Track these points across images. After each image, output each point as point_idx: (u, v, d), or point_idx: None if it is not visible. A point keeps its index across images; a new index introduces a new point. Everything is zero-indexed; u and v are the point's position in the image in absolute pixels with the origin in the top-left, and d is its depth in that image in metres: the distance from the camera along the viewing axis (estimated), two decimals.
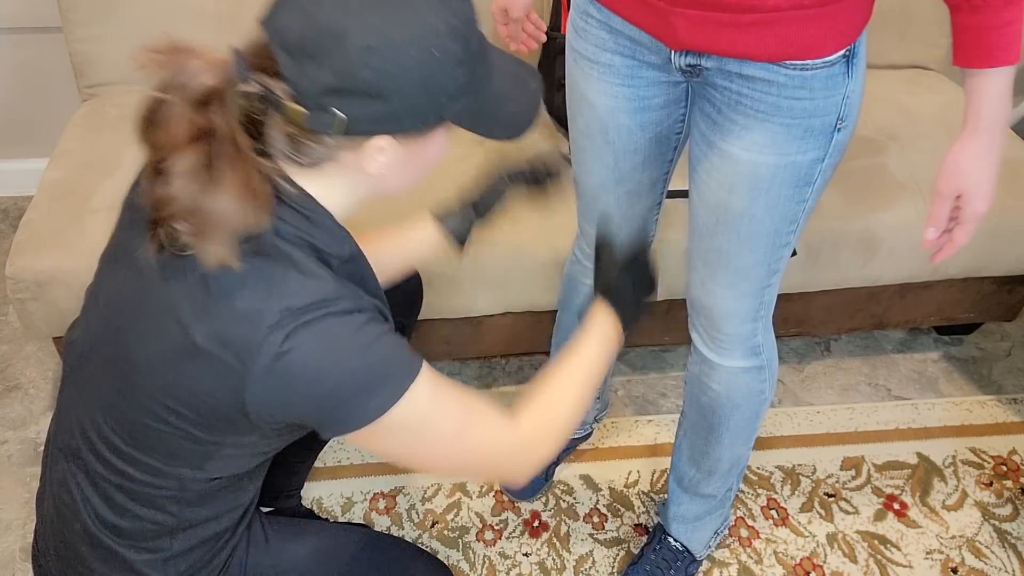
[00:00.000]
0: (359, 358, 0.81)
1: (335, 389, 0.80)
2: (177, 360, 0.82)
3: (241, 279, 0.79)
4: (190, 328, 0.80)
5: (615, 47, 1.07)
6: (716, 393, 1.28)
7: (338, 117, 0.76)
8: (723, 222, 1.09)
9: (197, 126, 0.75)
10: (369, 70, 0.74)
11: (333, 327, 0.80)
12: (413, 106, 0.78)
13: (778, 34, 0.92)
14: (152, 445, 0.90)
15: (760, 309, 1.19)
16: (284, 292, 0.79)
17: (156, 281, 0.84)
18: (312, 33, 0.74)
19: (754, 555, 1.58)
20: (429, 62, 0.76)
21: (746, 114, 1.00)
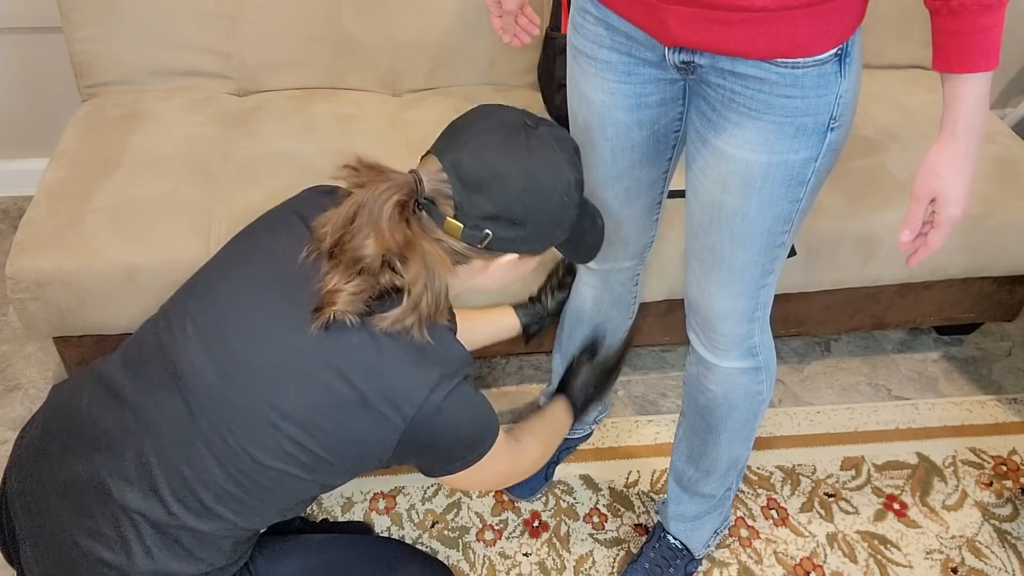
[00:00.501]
0: (483, 416, 1.05)
1: (466, 440, 1.04)
2: (337, 411, 0.95)
3: (407, 347, 0.96)
4: (359, 384, 0.95)
5: (612, 44, 1.08)
6: (714, 394, 1.28)
7: (488, 235, 0.97)
8: (717, 220, 1.09)
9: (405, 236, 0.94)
10: (520, 206, 0.97)
11: (469, 390, 1.02)
12: (541, 234, 1.01)
13: (768, 32, 0.92)
14: (267, 487, 0.99)
15: (756, 310, 1.19)
16: (439, 360, 0.98)
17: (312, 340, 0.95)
18: (486, 173, 0.95)
19: (754, 555, 1.58)
20: (560, 205, 1.00)
21: (739, 112, 1.00)
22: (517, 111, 1.01)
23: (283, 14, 1.75)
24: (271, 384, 0.95)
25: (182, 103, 1.74)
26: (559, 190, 0.99)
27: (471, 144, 0.97)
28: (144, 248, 1.46)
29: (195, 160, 1.61)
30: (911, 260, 1.02)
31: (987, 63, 0.89)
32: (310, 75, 1.81)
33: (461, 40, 1.81)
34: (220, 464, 0.96)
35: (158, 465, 0.97)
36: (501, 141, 0.97)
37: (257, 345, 0.96)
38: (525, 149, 0.97)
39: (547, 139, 0.98)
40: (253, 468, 0.97)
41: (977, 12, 0.87)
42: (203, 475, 0.96)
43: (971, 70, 0.89)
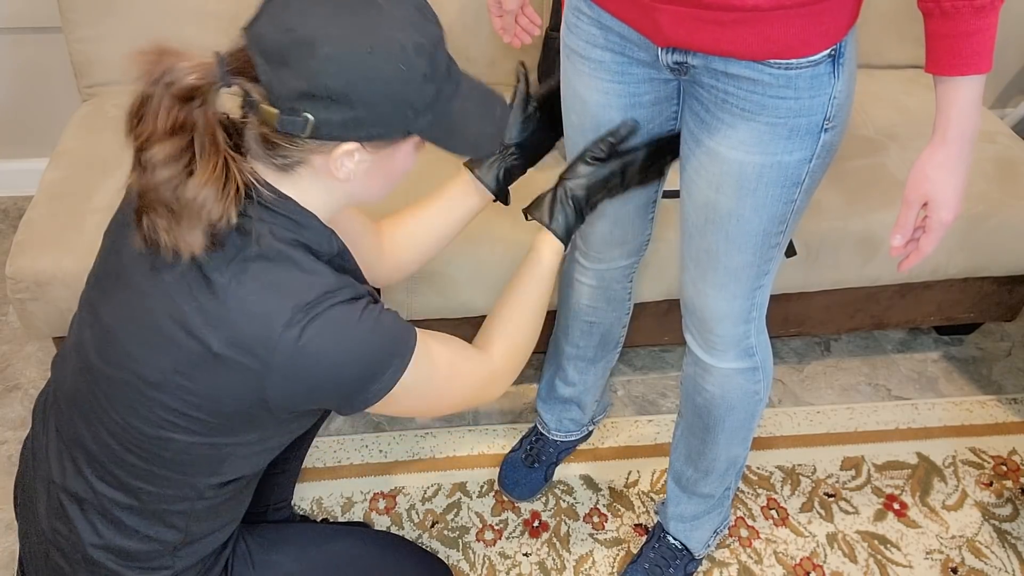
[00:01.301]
0: (368, 339, 0.89)
1: (352, 371, 0.88)
2: (194, 369, 0.86)
3: (249, 283, 0.84)
4: (204, 337, 0.85)
5: (605, 43, 1.07)
6: (711, 395, 1.28)
7: (307, 119, 0.80)
8: (712, 221, 1.09)
9: (178, 120, 0.80)
10: (336, 78, 0.79)
11: (341, 315, 0.87)
12: (379, 115, 0.82)
13: (760, 33, 0.92)
14: (171, 459, 0.93)
15: (752, 311, 1.19)
16: (291, 291, 0.85)
17: (155, 294, 0.87)
18: (286, 41, 0.79)
19: (754, 555, 1.58)
20: (395, 75, 0.81)
21: (732, 113, 1.00)
22: None
23: None
24: (129, 351, 0.89)
25: None
26: (388, 55, 0.80)
27: (272, 5, 0.82)
28: None
29: None
30: (903, 265, 1.02)
31: (979, 66, 0.88)
32: None
33: (461, 40, 1.81)
34: (116, 439, 0.93)
35: (74, 446, 0.97)
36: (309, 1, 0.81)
37: (117, 311, 0.91)
38: (333, 4, 0.80)
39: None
40: (143, 440, 0.92)
41: (969, 14, 0.86)
42: (107, 452, 0.95)
43: (963, 73, 0.89)
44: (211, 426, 0.90)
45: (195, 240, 0.82)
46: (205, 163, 0.81)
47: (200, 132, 0.80)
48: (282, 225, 0.87)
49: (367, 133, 0.84)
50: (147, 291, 0.88)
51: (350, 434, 1.73)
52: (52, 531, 1.00)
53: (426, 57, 0.83)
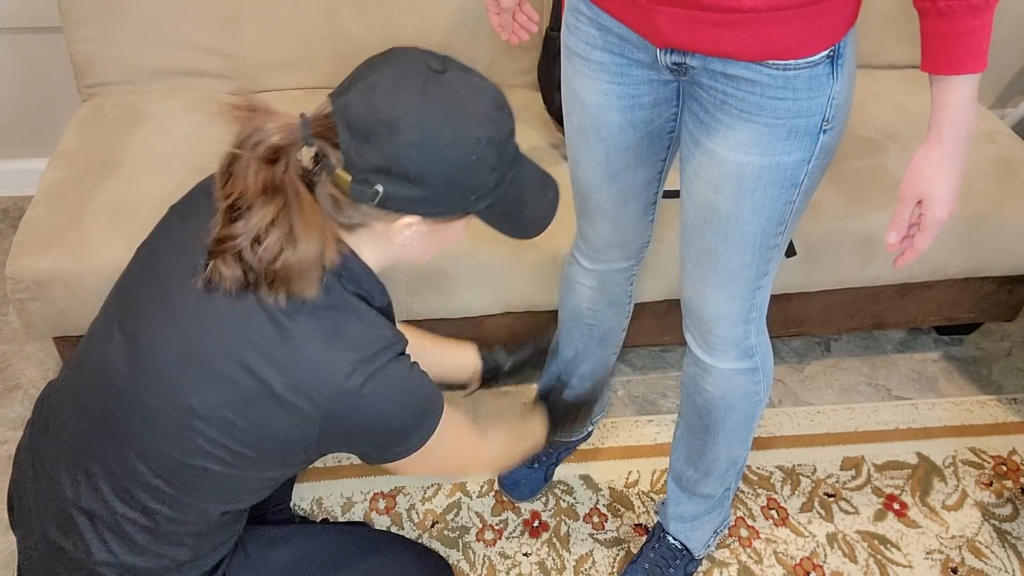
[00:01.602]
0: (416, 395, 0.95)
1: (397, 424, 0.94)
2: (248, 407, 0.89)
3: (316, 331, 0.88)
4: (266, 378, 0.88)
5: (604, 44, 1.07)
6: (711, 395, 1.28)
7: (377, 191, 0.85)
8: (711, 222, 1.09)
9: (268, 179, 0.85)
10: (413, 161, 0.84)
11: (395, 371, 0.91)
12: (444, 196, 0.88)
13: (759, 34, 0.92)
14: (199, 487, 0.95)
15: (752, 311, 1.19)
16: (355, 342, 0.89)
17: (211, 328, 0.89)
18: (372, 119, 0.83)
19: (754, 555, 1.58)
20: (465, 164, 0.86)
21: (731, 114, 1.00)
22: (428, 52, 0.88)
23: (283, 14, 1.75)
24: (178, 383, 0.90)
25: (182, 103, 1.74)
26: (462, 145, 0.85)
27: (362, 83, 0.85)
28: None
29: (195, 160, 1.61)
30: (898, 261, 1.02)
31: (974, 65, 0.89)
32: (310, 75, 1.81)
33: (461, 40, 1.81)
34: (144, 463, 0.94)
35: (95, 465, 0.97)
36: (395, 83, 0.84)
37: (163, 339, 0.92)
38: (421, 94, 0.84)
39: (452, 85, 0.86)
40: (175, 466, 0.93)
41: (964, 14, 0.87)
42: (132, 474, 0.95)
43: (958, 72, 0.89)
44: (250, 460, 0.93)
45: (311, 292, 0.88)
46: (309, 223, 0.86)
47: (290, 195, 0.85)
48: (346, 276, 0.92)
49: (430, 211, 0.89)
50: (200, 324, 0.90)
51: None
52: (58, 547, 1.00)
53: (496, 150, 0.88)
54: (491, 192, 0.91)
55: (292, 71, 1.80)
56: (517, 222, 0.97)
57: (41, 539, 1.02)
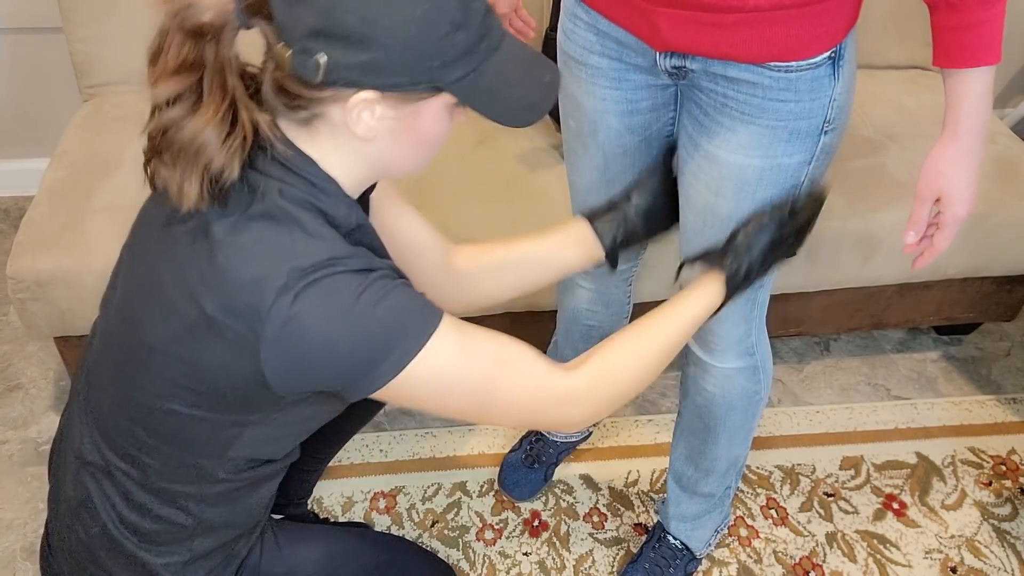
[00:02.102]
0: (371, 316, 0.79)
1: (349, 350, 0.79)
2: (190, 336, 0.81)
3: (247, 244, 0.79)
4: (200, 299, 0.79)
5: (602, 50, 1.07)
6: (711, 395, 1.28)
7: (319, 60, 0.74)
8: (710, 225, 1.09)
9: (188, 58, 0.75)
10: (352, 15, 0.73)
11: (342, 285, 0.78)
12: (400, 62, 0.75)
13: (761, 35, 0.92)
14: (173, 433, 0.89)
15: (752, 310, 1.19)
16: (291, 253, 0.78)
17: (165, 256, 0.83)
18: None
19: (753, 554, 1.58)
20: (419, 17, 0.74)
21: (732, 116, 1.00)
22: None
23: None
24: (139, 315, 0.86)
25: None
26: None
27: None
28: None
29: None
30: (917, 263, 1.00)
31: (988, 57, 0.88)
32: None
33: None
34: (121, 409, 0.91)
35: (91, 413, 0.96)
36: None
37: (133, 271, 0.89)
38: None
39: None
40: (143, 411, 0.89)
41: (976, 5, 0.86)
42: (114, 422, 0.93)
43: (971, 65, 0.88)
44: (210, 401, 0.85)
45: (192, 189, 0.77)
46: (208, 104, 0.76)
47: (209, 72, 0.75)
48: (295, 184, 0.81)
49: (385, 81, 0.76)
50: (158, 250, 0.84)
51: None
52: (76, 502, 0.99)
53: (456, 2, 0.75)
54: (461, 60, 0.77)
55: None
56: (504, 104, 0.82)
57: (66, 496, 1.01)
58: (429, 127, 0.82)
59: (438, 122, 0.82)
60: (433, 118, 0.82)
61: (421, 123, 0.81)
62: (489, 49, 0.79)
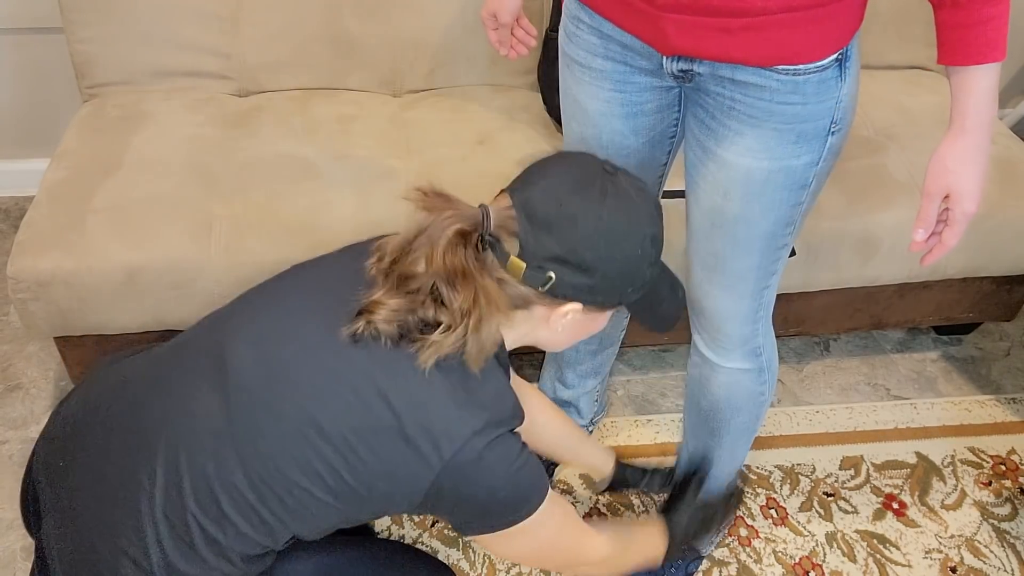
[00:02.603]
0: (524, 475, 0.96)
1: (500, 497, 0.95)
2: (373, 436, 0.91)
3: (454, 384, 0.92)
4: (399, 410, 0.91)
5: (606, 53, 1.07)
6: (717, 397, 1.28)
7: (550, 277, 0.91)
8: (719, 226, 1.09)
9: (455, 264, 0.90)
10: (589, 251, 0.91)
11: (513, 443, 0.95)
12: (609, 287, 0.94)
13: (769, 38, 0.92)
14: (292, 509, 0.95)
15: (759, 310, 1.19)
16: (489, 405, 0.93)
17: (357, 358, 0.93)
18: (556, 212, 0.90)
19: (753, 554, 1.59)
20: (633, 257, 0.94)
21: (739, 119, 1.00)
22: (597, 157, 0.97)
23: (283, 14, 1.75)
24: (313, 394, 0.93)
25: (182, 103, 1.74)
26: (633, 240, 0.93)
27: (544, 182, 0.93)
28: (144, 248, 1.47)
29: (195, 161, 1.61)
30: (926, 259, 1.00)
31: (993, 54, 0.88)
32: (310, 75, 1.81)
33: (461, 40, 1.81)
34: (244, 469, 0.93)
35: (185, 459, 0.95)
36: (576, 182, 0.93)
37: (306, 353, 0.95)
38: (600, 192, 0.92)
39: (625, 186, 0.94)
40: (277, 479, 0.93)
41: (981, 3, 0.86)
42: (225, 477, 0.94)
43: (977, 62, 0.88)
44: (354, 497, 0.94)
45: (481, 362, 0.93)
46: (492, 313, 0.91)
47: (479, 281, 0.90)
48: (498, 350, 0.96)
49: (593, 299, 0.95)
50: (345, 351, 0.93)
51: None
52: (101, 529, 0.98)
53: (657, 247, 0.96)
54: (644, 286, 0.98)
55: (292, 71, 1.81)
56: (655, 315, 1.04)
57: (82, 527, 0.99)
58: (597, 326, 1.03)
59: (604, 322, 1.04)
60: (603, 320, 1.03)
61: (594, 324, 1.02)
62: (659, 277, 1.01)
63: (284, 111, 1.75)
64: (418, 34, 1.80)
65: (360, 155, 1.65)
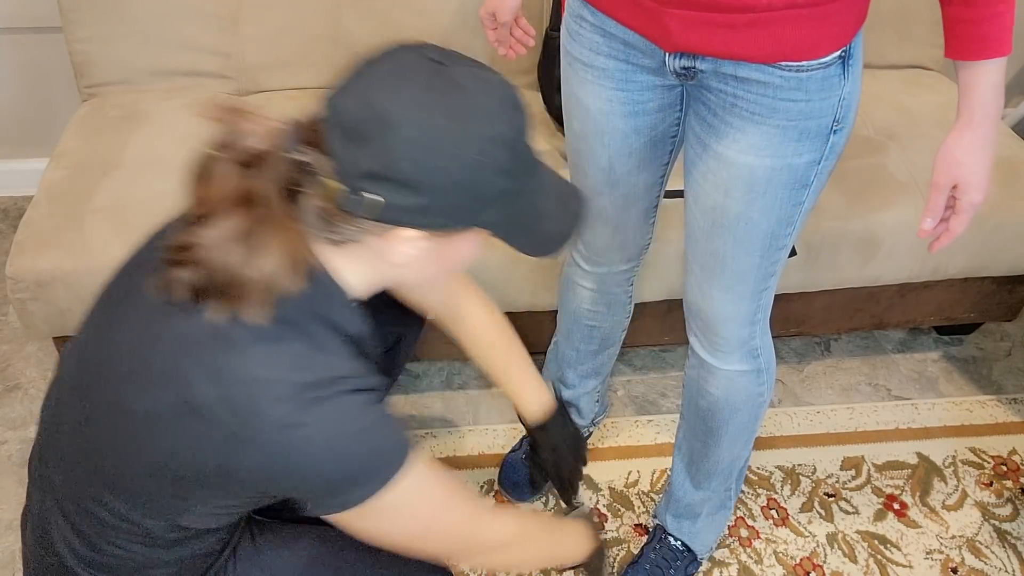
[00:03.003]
0: (358, 444, 0.82)
1: (330, 473, 0.81)
2: (172, 416, 0.81)
3: (256, 346, 0.80)
4: (196, 386, 0.79)
5: (609, 51, 1.07)
6: (715, 397, 1.28)
7: (371, 200, 0.76)
8: (719, 225, 1.09)
9: (241, 187, 0.78)
10: (410, 162, 0.75)
11: (339, 409, 0.81)
12: (448, 205, 0.78)
13: (773, 35, 0.92)
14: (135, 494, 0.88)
15: (757, 312, 1.19)
16: (296, 364, 0.80)
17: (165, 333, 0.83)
18: (365, 117, 0.75)
19: (754, 555, 1.58)
20: (471, 166, 0.76)
21: (741, 116, 1.00)
22: (430, 45, 0.80)
23: (283, 14, 1.75)
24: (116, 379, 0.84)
25: (182, 103, 1.74)
26: (469, 145, 0.76)
27: (358, 82, 0.77)
28: None
29: None
30: (934, 246, 1.03)
31: (1001, 49, 0.89)
32: (310, 75, 1.81)
33: (461, 40, 1.81)
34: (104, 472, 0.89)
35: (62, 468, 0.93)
36: (393, 76, 0.76)
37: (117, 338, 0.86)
38: (422, 87, 0.75)
39: (458, 79, 0.77)
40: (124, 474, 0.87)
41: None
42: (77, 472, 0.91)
43: (985, 56, 0.90)
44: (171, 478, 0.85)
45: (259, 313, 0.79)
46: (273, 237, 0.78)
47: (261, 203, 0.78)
48: (310, 295, 0.83)
49: (432, 221, 0.79)
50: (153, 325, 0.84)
51: None
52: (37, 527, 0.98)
53: (508, 150, 0.78)
54: (503, 201, 0.81)
55: (292, 71, 1.80)
56: (534, 237, 0.86)
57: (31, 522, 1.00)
58: (459, 255, 0.86)
59: (468, 250, 0.86)
60: (465, 247, 0.86)
61: (453, 252, 0.85)
62: (528, 187, 0.83)
63: (284, 111, 1.73)
64: (418, 34, 1.79)
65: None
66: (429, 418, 1.79)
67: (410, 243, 0.80)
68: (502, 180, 0.79)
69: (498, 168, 0.78)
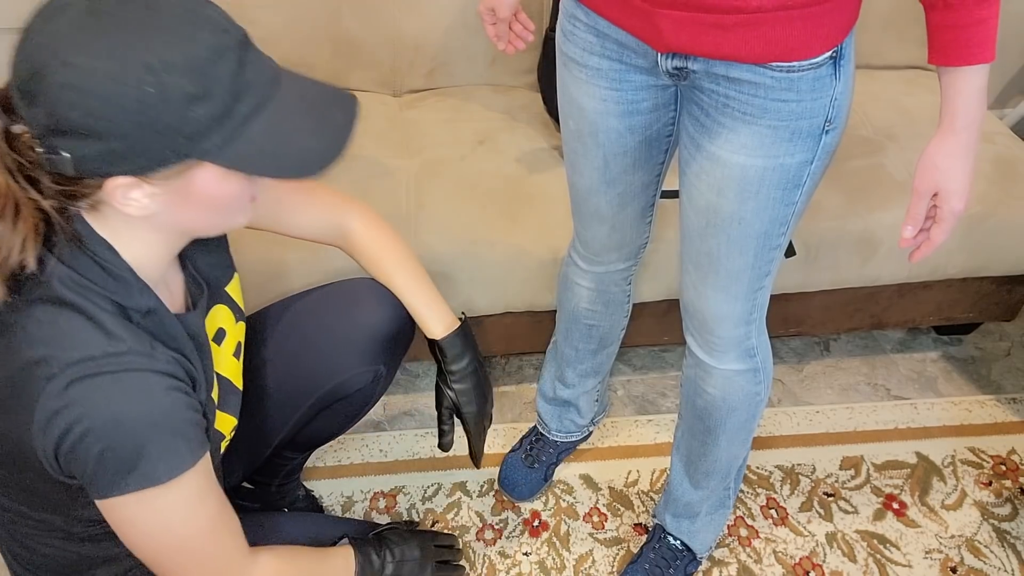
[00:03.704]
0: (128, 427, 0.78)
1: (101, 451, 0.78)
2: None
3: (29, 327, 0.77)
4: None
5: (602, 51, 1.07)
6: (712, 397, 1.28)
7: (66, 157, 0.72)
8: (713, 225, 1.09)
9: None
10: (75, 110, 0.70)
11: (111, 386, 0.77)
12: (140, 146, 0.72)
13: (763, 35, 0.92)
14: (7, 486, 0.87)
15: (753, 311, 1.19)
16: (67, 343, 0.77)
17: None
18: (25, 72, 0.71)
19: (753, 554, 1.58)
20: (144, 100, 0.70)
21: (733, 117, 1.00)
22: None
23: (283, 14, 1.75)
24: None
25: None
26: (128, 79, 0.69)
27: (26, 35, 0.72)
28: None
29: None
30: (914, 256, 1.02)
31: (984, 55, 0.89)
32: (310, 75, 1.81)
33: (461, 40, 1.81)
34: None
35: None
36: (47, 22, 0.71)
37: None
38: (70, 27, 0.69)
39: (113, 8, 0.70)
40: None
41: (972, 4, 0.87)
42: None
43: (969, 63, 0.89)
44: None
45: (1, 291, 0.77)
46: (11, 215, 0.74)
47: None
48: (84, 270, 0.79)
49: (133, 165, 0.73)
50: None
51: (350, 433, 1.74)
52: None
53: (189, 75, 0.71)
54: (212, 128, 0.74)
55: None
56: (281, 161, 0.78)
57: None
58: (213, 192, 0.79)
59: (221, 185, 0.79)
60: (212, 184, 0.78)
61: (199, 191, 0.78)
62: (251, 109, 0.76)
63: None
64: (418, 34, 1.80)
65: (360, 155, 1.65)
66: (429, 418, 1.79)
67: (133, 191, 0.75)
68: (199, 107, 0.72)
69: (184, 96, 0.71)
